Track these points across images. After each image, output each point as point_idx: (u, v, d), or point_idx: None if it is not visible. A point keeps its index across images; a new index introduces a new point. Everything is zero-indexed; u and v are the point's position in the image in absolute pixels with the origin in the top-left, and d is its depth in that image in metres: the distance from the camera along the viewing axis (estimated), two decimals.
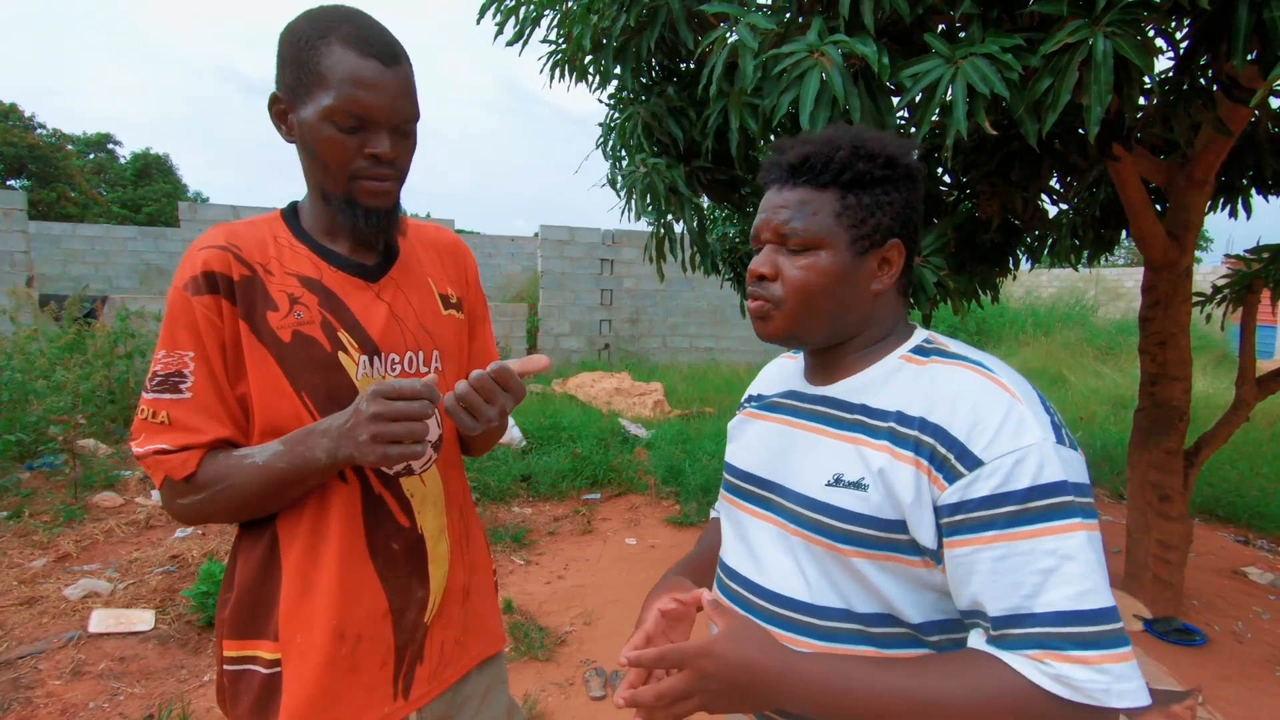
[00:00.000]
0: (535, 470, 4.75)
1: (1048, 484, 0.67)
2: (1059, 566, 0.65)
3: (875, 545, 0.74)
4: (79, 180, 21.38)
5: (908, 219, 0.83)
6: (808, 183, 0.82)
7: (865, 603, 0.76)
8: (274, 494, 0.91)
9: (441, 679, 1.04)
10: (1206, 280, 11.22)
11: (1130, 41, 1.57)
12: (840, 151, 0.81)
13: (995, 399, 0.71)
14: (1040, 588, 0.65)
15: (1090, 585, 0.65)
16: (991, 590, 0.67)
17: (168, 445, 0.89)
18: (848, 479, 0.77)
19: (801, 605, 0.79)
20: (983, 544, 0.68)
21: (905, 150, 0.83)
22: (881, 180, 0.81)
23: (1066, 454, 0.69)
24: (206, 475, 0.90)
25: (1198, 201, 2.87)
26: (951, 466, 0.70)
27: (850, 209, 0.81)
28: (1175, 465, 3.06)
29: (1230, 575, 3.70)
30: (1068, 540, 0.66)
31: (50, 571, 3.27)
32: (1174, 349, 3.01)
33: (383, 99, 0.89)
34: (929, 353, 0.81)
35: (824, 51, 1.79)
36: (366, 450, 0.84)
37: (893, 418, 0.76)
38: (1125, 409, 7.02)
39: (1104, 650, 0.63)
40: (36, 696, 2.39)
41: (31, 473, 4.39)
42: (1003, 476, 0.67)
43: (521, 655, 2.78)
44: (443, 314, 1.06)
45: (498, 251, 14.99)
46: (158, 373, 0.90)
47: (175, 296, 0.91)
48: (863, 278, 0.82)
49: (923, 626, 0.75)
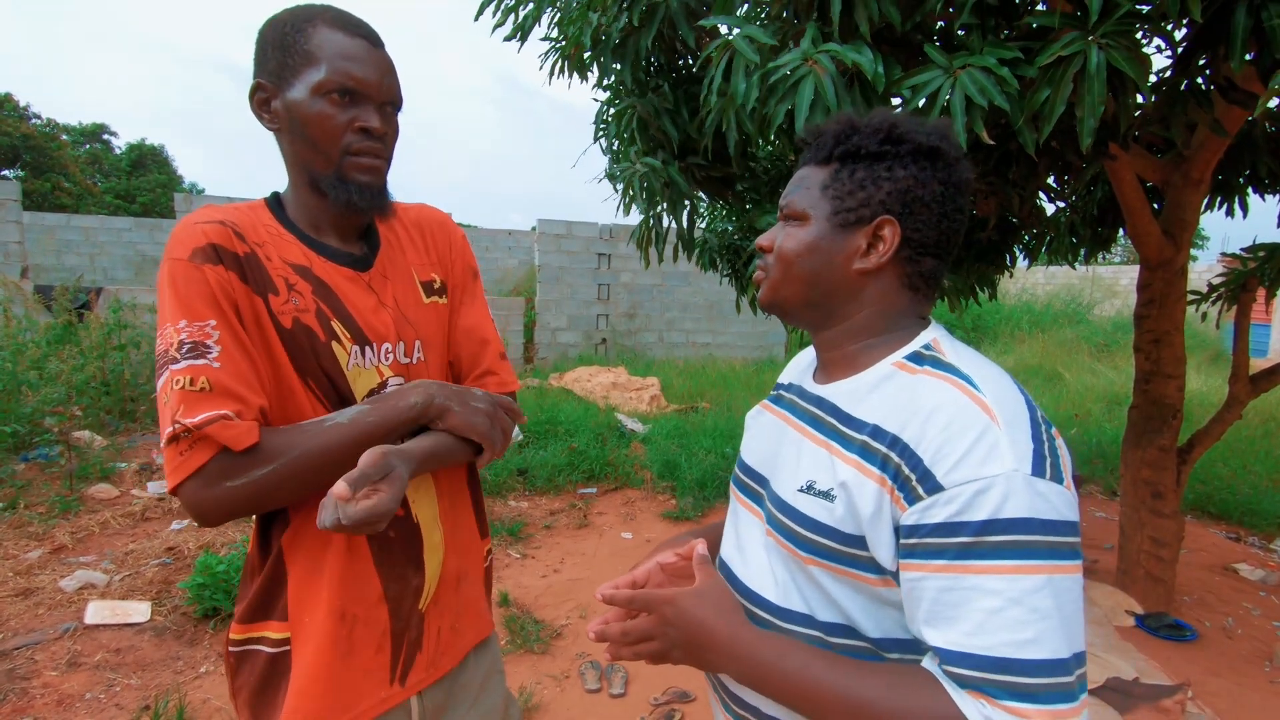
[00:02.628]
0: (532, 464, 4.76)
1: (1007, 519, 0.62)
2: (1003, 609, 0.61)
3: (834, 558, 0.73)
4: (74, 171, 21.23)
5: (914, 199, 0.77)
6: (811, 159, 0.83)
7: (826, 612, 0.75)
8: (353, 457, 0.84)
9: (439, 666, 1.05)
10: (1202, 279, 11.28)
11: (1123, 53, 1.58)
12: (837, 125, 0.81)
13: (970, 420, 0.66)
14: (980, 628, 0.62)
15: (1035, 633, 0.60)
16: (934, 621, 0.65)
17: (229, 411, 0.81)
18: (818, 487, 0.75)
19: (770, 606, 0.80)
20: (930, 572, 0.65)
21: (922, 130, 0.78)
22: (879, 155, 0.78)
23: (1044, 488, 0.63)
24: (270, 446, 0.84)
25: (1194, 200, 2.88)
26: (913, 488, 0.66)
27: (839, 182, 0.79)
28: (1168, 462, 3.08)
29: (1221, 572, 3.73)
30: (1019, 582, 0.61)
31: (46, 563, 3.27)
32: (1168, 347, 3.02)
33: (372, 74, 0.92)
34: (924, 360, 0.76)
35: (818, 60, 1.79)
36: (474, 414, 0.96)
37: (868, 430, 0.73)
38: (1120, 406, 7.06)
39: (1039, 705, 0.59)
40: (33, 687, 2.39)
41: (27, 464, 4.38)
42: (960, 505, 0.63)
43: (518, 648, 2.79)
44: (424, 302, 1.06)
45: (495, 245, 14.98)
46: (183, 341, 0.82)
47: (178, 267, 0.85)
48: (844, 252, 0.79)
49: (881, 643, 0.74)
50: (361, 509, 0.77)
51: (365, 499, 0.78)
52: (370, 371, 0.96)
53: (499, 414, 1.01)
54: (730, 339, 10.56)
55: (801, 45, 1.84)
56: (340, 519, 0.76)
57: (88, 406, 4.87)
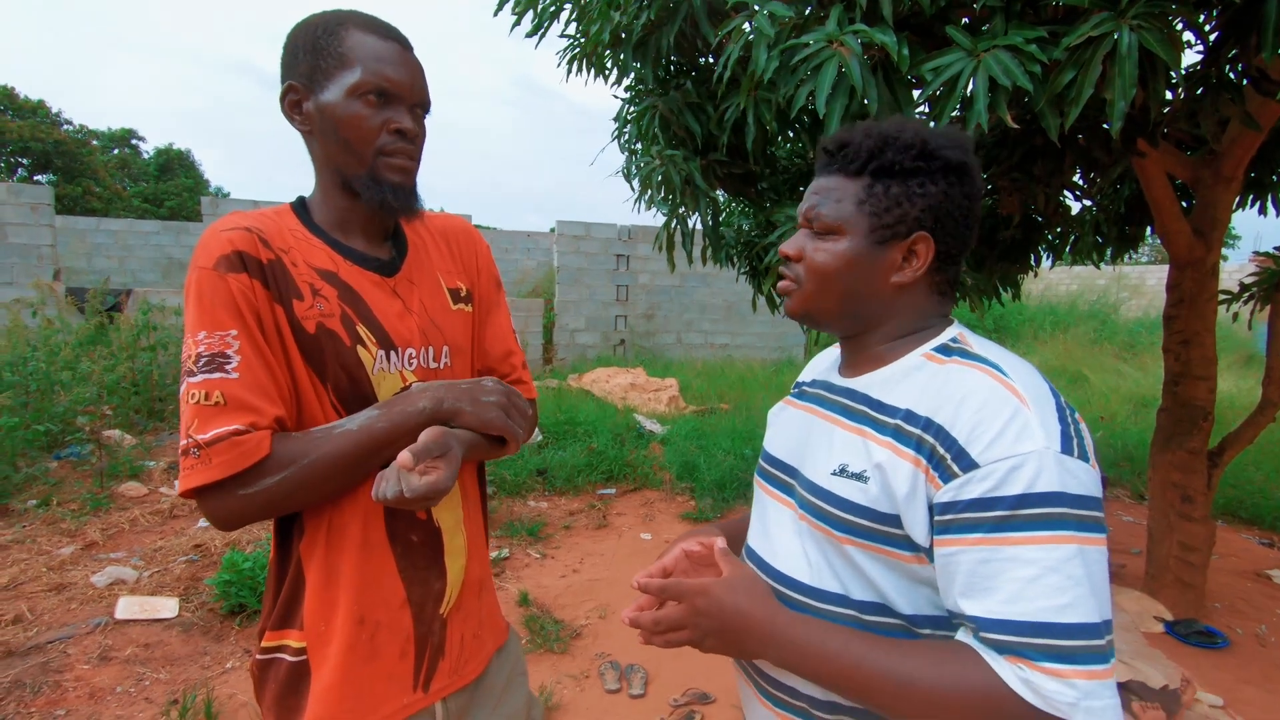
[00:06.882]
0: (551, 464, 4.78)
1: (1041, 493, 0.66)
2: (1040, 576, 0.65)
3: (869, 536, 0.76)
4: (103, 175, 21.73)
5: (944, 214, 0.80)
6: (840, 170, 0.84)
7: (861, 590, 0.78)
8: (365, 462, 0.88)
9: (463, 673, 1.05)
10: (1233, 278, 11.02)
11: (1156, 35, 1.54)
12: (870, 140, 0.81)
13: (1002, 402, 0.70)
14: (1018, 595, 0.65)
15: (1071, 599, 0.64)
16: (971, 592, 0.68)
17: (241, 425, 0.82)
18: (851, 470, 0.78)
19: (803, 587, 0.82)
20: (967, 545, 0.68)
21: (950, 144, 0.81)
22: (913, 171, 0.80)
23: (1072, 465, 0.67)
24: (282, 454, 0.84)
25: (1225, 198, 2.82)
26: (948, 467, 0.70)
27: (874, 197, 0.81)
28: (1198, 466, 3.02)
29: (1253, 578, 3.65)
30: (1054, 551, 0.65)
31: (78, 559, 3.34)
32: (1198, 348, 2.96)
33: (405, 77, 0.94)
34: (951, 351, 0.80)
35: (843, 41, 1.77)
36: (487, 410, 0.93)
37: (901, 415, 0.77)
38: (1147, 408, 6.92)
39: (1077, 665, 0.63)
40: (66, 680, 2.45)
41: (59, 462, 4.49)
42: (995, 481, 0.67)
43: (538, 648, 2.80)
44: (452, 309, 1.07)
45: (514, 247, 15.06)
46: (201, 354, 0.84)
47: (204, 276, 0.86)
48: (881, 268, 0.82)
49: (914, 619, 0.76)
50: (424, 482, 0.80)
51: (426, 474, 0.81)
52: (394, 376, 0.97)
53: (514, 402, 0.99)
54: (749, 340, 10.52)
55: (826, 27, 1.82)
56: (403, 490, 0.79)
57: (118, 406, 4.97)
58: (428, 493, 0.81)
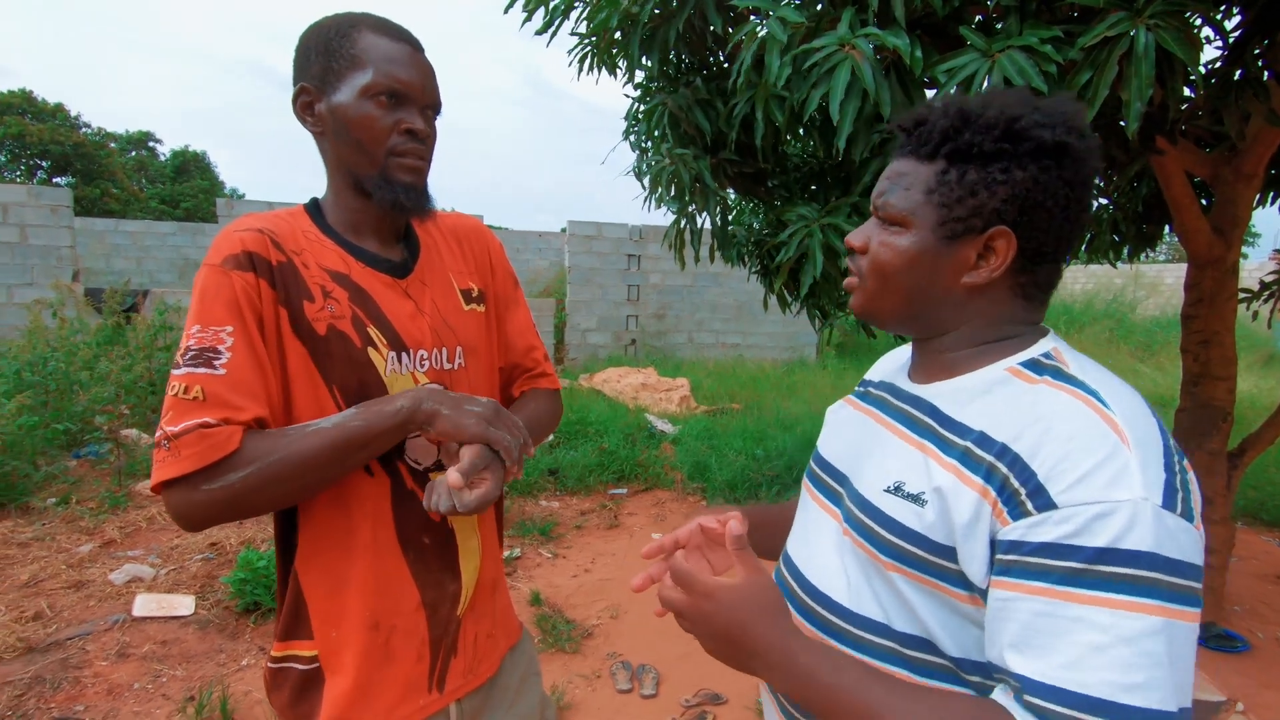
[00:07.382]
0: (562, 464, 4.79)
1: (1129, 550, 0.55)
2: (1109, 646, 0.54)
3: (918, 566, 0.67)
4: (121, 177, 22.02)
5: (1033, 205, 0.68)
6: (913, 152, 0.73)
7: (905, 622, 0.69)
8: (342, 460, 0.87)
9: (477, 673, 1.05)
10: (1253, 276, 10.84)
11: (1174, 34, 1.52)
12: (947, 118, 0.71)
13: (1097, 438, 0.59)
14: (1078, 662, 0.55)
15: (1144, 679, 0.53)
16: (1023, 647, 0.58)
17: (210, 419, 0.82)
18: (908, 489, 0.69)
19: (840, 609, 0.74)
20: (1027, 593, 0.58)
21: (1048, 120, 0.68)
22: (996, 155, 0.68)
23: (1173, 524, 0.57)
24: (251, 450, 0.83)
25: (1246, 195, 2.77)
26: (1020, 503, 0.60)
27: (946, 186, 0.70)
28: (1218, 467, 2.98)
29: (1274, 581, 3.60)
30: (1133, 621, 0.54)
31: (96, 556, 3.39)
32: (1218, 347, 2.92)
33: (416, 78, 0.95)
34: (1043, 369, 0.69)
35: (855, 44, 1.76)
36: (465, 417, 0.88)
37: (973, 437, 0.67)
38: (1164, 408, 6.82)
39: None
40: (85, 676, 2.48)
41: (78, 461, 4.55)
42: (1075, 526, 0.57)
43: (549, 647, 2.81)
44: (464, 310, 1.07)
45: (525, 247, 15.10)
46: (190, 348, 0.84)
47: (210, 273, 0.87)
48: (950, 266, 0.72)
49: (961, 663, 0.67)
50: (475, 497, 0.87)
51: (476, 488, 0.87)
52: (406, 378, 0.97)
53: (503, 419, 0.92)
54: (760, 340, 10.49)
55: (838, 30, 1.81)
56: (456, 506, 0.86)
57: (135, 405, 5.03)
58: (478, 507, 0.87)
